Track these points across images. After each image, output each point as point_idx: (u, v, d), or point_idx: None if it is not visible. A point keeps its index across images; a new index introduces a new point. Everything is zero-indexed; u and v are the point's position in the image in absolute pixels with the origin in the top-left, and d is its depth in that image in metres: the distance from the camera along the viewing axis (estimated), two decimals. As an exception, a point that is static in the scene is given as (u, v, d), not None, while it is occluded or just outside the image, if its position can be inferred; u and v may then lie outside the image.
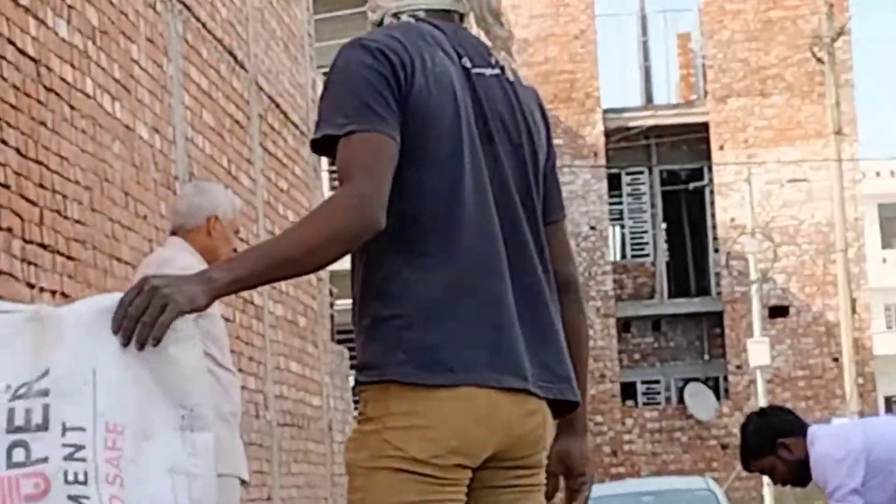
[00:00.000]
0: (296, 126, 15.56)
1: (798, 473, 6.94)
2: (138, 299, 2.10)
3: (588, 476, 2.91)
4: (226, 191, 7.21)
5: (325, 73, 3.32)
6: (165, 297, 2.11)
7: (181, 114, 11.24)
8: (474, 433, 2.51)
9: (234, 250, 6.25)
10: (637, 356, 32.87)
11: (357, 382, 2.63)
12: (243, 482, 6.14)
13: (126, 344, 2.14)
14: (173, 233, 6.58)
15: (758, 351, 28.30)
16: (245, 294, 10.29)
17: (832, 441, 6.92)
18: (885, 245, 43.30)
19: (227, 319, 8.10)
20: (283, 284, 12.00)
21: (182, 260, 6.07)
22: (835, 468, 6.74)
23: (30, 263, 7.74)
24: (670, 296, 32.38)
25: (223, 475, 4.05)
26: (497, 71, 2.68)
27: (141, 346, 2.12)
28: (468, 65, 2.62)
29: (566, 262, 2.86)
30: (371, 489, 2.48)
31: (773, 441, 6.86)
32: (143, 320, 2.07)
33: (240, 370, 8.68)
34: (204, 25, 12.22)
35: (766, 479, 11.29)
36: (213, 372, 4.69)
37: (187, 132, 11.31)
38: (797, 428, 7.11)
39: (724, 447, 31.10)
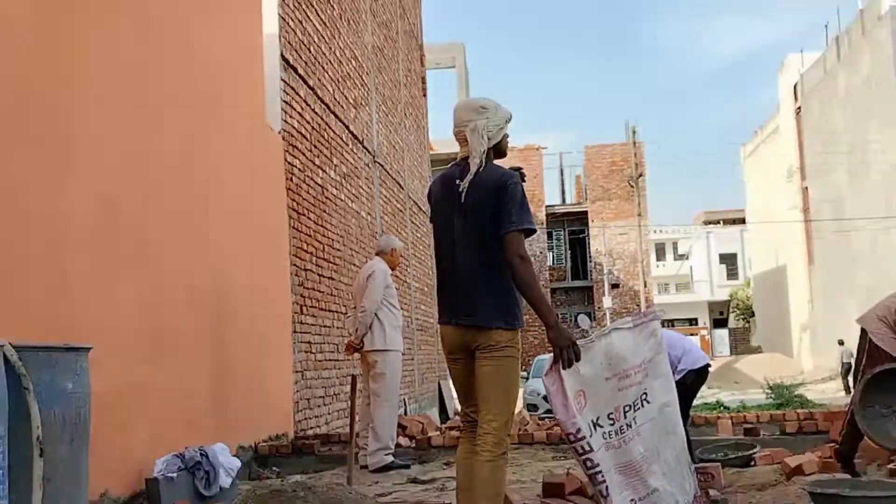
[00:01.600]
0: (423, 212, 19.03)
1: None
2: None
3: (558, 347, 4.13)
4: (396, 238, 9.18)
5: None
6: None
7: (380, 208, 14.93)
8: (446, 342, 4.45)
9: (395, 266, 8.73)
10: (559, 304, 47.73)
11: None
12: None
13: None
14: (377, 254, 8.69)
15: (607, 302, 44.11)
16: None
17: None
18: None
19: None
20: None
21: (380, 265, 8.36)
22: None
23: (301, 271, 11.18)
24: (571, 279, 49.47)
25: None
26: (468, 180, 4.28)
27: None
28: (458, 182, 4.31)
29: (508, 255, 4.17)
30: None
31: None
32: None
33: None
34: (387, 170, 16.06)
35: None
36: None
37: (380, 214, 14.92)
38: None
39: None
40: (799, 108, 45.77)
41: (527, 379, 25.39)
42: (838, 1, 68.03)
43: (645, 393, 4.04)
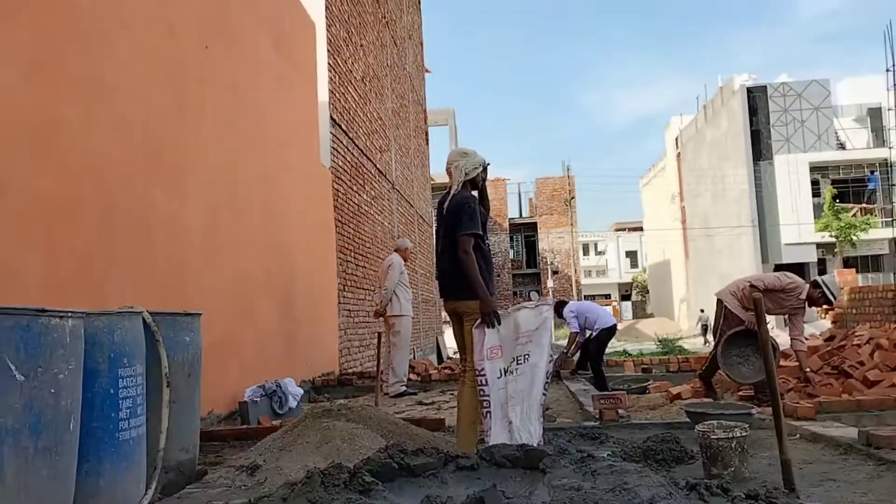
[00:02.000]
0: (427, 223, 19.13)
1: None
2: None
3: (485, 313, 4.03)
4: (408, 240, 9.22)
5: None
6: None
7: (397, 220, 14.60)
8: (447, 310, 4.33)
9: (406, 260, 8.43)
10: (518, 284, 45.99)
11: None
12: None
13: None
14: (395, 250, 8.48)
15: (550, 283, 42.64)
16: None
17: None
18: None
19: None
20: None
21: (397, 258, 8.17)
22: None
23: (345, 262, 11.24)
24: (526, 268, 46.99)
25: None
26: (448, 200, 4.22)
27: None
28: (443, 202, 4.26)
29: (458, 251, 4.09)
30: None
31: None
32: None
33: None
34: (402, 194, 15.60)
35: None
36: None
37: (397, 224, 14.60)
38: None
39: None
40: (679, 153, 45.88)
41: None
42: (706, 79, 67.81)
43: (528, 353, 3.93)
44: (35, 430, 2.19)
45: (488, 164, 4.46)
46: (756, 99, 34.07)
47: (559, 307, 9.21)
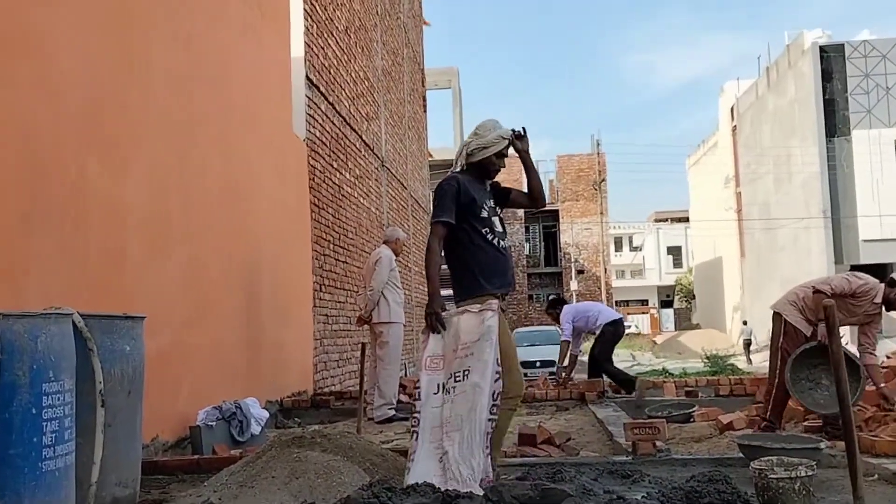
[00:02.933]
0: (424, 209, 19.51)
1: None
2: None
3: (427, 315, 4.17)
4: (400, 230, 8.99)
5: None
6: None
7: (386, 204, 14.78)
8: None
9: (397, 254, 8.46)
10: (534, 286, 47.24)
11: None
12: None
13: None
14: (384, 242, 8.55)
15: (573, 285, 43.30)
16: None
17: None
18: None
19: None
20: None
21: (387, 252, 8.22)
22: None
23: (335, 249, 11.17)
24: (544, 266, 48.12)
25: None
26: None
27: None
28: None
29: None
30: None
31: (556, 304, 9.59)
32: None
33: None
34: (393, 173, 15.75)
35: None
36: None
37: (387, 210, 14.79)
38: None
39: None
40: (735, 126, 45.83)
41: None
42: (769, 37, 67.64)
43: (468, 369, 3.84)
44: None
45: (508, 143, 4.38)
46: (831, 61, 34.02)
47: (555, 306, 9.72)
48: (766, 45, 70.56)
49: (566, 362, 9.44)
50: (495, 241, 4.26)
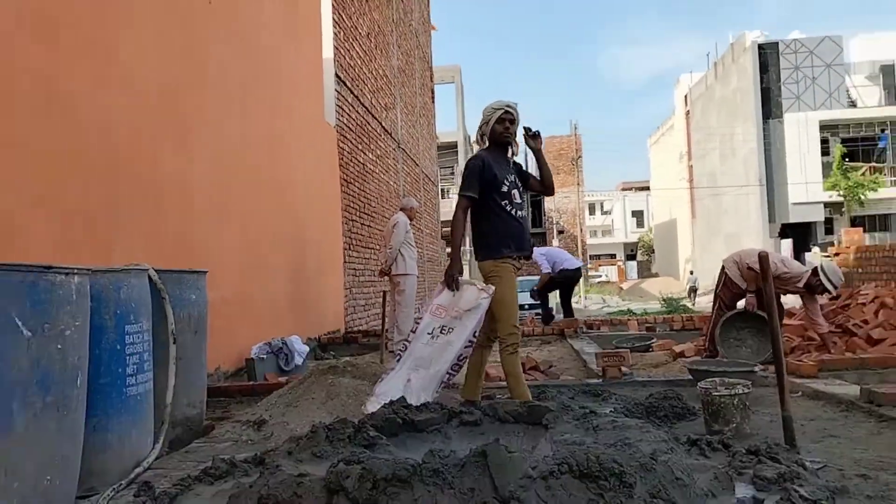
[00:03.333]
0: (433, 182, 19.52)
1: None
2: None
3: (447, 275, 4.07)
4: (413, 199, 8.69)
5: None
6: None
7: (403, 179, 14.56)
8: None
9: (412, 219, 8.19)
10: None
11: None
12: None
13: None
14: (401, 209, 8.25)
15: (555, 242, 41.99)
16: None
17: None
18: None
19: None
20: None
21: (402, 217, 7.99)
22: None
23: (349, 220, 11.32)
24: (532, 227, 44.75)
25: None
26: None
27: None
28: None
29: None
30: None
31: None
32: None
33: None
34: (407, 153, 15.49)
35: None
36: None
37: (402, 183, 14.57)
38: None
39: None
40: (688, 111, 45.32)
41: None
42: (718, 36, 66.69)
43: (452, 328, 3.89)
44: (43, 385, 2.21)
45: (507, 109, 4.14)
46: (768, 56, 33.53)
47: None
48: (715, 44, 69.48)
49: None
50: (513, 212, 4.11)
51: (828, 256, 11.20)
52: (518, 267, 4.16)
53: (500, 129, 4.13)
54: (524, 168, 4.40)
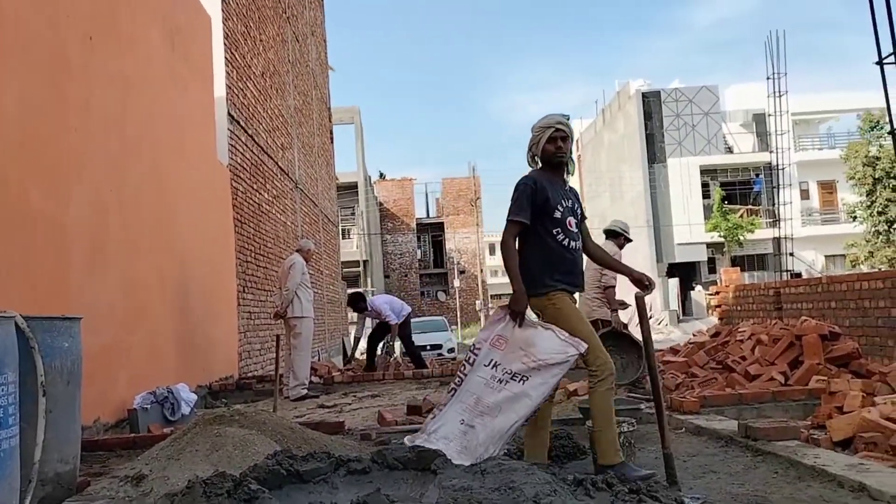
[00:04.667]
0: (332, 223, 18.88)
1: None
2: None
3: (512, 309, 3.51)
4: (310, 241, 8.89)
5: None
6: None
7: (300, 219, 14.32)
8: None
9: (309, 261, 8.23)
10: (424, 283, 46.20)
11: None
12: None
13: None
14: (297, 251, 8.29)
15: (456, 282, 42.49)
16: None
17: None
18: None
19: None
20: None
21: (299, 259, 7.99)
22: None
23: (244, 262, 10.95)
24: (433, 268, 47.05)
25: None
26: None
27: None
28: None
29: None
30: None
31: None
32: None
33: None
34: (306, 193, 15.20)
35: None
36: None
37: (301, 224, 14.33)
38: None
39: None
40: (579, 155, 47.19)
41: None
42: (605, 84, 70.26)
43: (526, 377, 3.37)
44: None
45: (558, 126, 3.65)
46: (651, 103, 35.51)
47: (357, 300, 9.79)
48: (602, 91, 72.92)
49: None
50: (565, 242, 3.60)
51: (711, 295, 11.81)
52: (572, 297, 3.68)
53: (552, 148, 3.65)
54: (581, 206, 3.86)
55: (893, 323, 7.05)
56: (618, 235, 6.73)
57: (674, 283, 33.70)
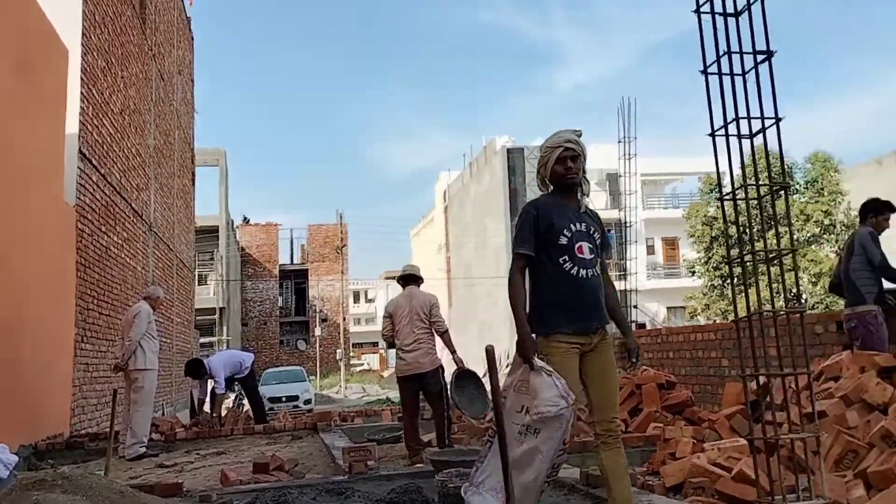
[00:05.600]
0: (188, 269, 18.27)
1: None
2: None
3: (519, 354, 3.07)
4: (159, 289, 8.38)
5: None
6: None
7: (153, 264, 13.76)
8: None
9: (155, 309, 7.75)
10: (285, 332, 44.83)
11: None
12: None
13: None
14: (144, 298, 7.82)
15: (318, 331, 41.36)
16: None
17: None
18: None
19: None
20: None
21: (145, 307, 7.53)
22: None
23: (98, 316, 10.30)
24: (294, 315, 45.54)
25: None
26: None
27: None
28: None
29: None
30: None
31: None
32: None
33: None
34: (160, 237, 14.63)
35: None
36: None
37: (153, 269, 13.78)
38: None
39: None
40: (446, 206, 48.27)
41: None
42: (471, 139, 72.79)
43: (538, 430, 3.03)
44: None
45: (567, 146, 3.25)
46: (514, 159, 37.06)
47: (196, 368, 9.48)
48: (470, 146, 75.33)
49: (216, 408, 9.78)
50: (574, 270, 3.17)
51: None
52: (583, 344, 3.18)
53: (561, 169, 3.27)
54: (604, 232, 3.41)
55: (723, 373, 7.57)
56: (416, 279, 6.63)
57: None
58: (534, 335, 3.15)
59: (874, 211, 5.61)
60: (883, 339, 5.20)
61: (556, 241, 3.17)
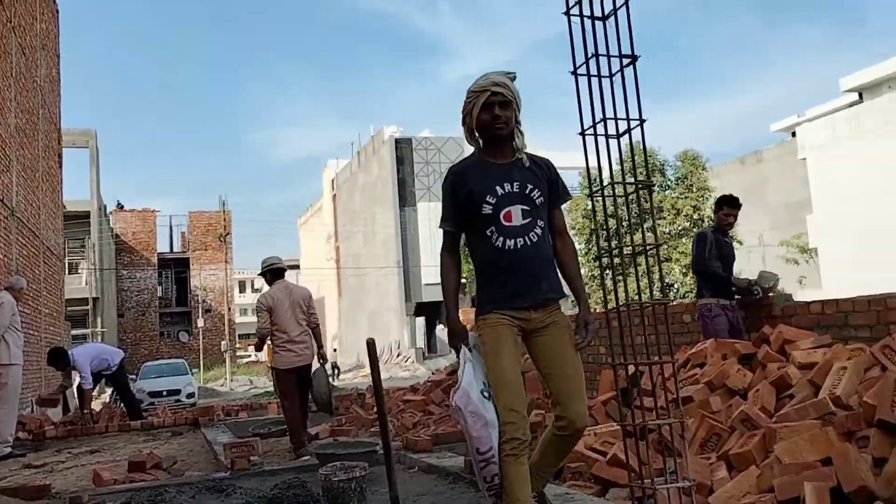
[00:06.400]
0: (57, 256, 16.06)
1: None
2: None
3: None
4: (23, 279, 8.05)
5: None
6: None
7: (16, 251, 12.94)
8: None
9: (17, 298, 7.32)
10: (165, 324, 42.77)
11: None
12: None
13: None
14: (6, 289, 7.39)
15: (201, 322, 39.37)
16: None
17: None
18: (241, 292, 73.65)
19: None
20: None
21: (9, 298, 7.17)
22: None
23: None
24: (175, 306, 43.91)
25: None
26: None
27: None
28: None
29: None
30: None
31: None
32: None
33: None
34: (24, 223, 13.71)
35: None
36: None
37: (16, 257, 12.95)
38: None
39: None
40: (335, 194, 47.73)
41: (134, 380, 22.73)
42: (360, 127, 72.33)
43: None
44: None
45: (493, 90, 2.77)
46: (403, 149, 37.13)
47: (58, 358, 8.95)
48: (358, 135, 74.83)
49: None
50: (499, 243, 2.73)
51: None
52: (521, 319, 2.75)
53: (488, 118, 2.77)
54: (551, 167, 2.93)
55: (601, 360, 7.90)
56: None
57: (421, 321, 35.09)
58: (477, 316, 2.83)
59: (717, 207, 5.99)
60: (718, 330, 5.45)
61: (479, 210, 2.74)
